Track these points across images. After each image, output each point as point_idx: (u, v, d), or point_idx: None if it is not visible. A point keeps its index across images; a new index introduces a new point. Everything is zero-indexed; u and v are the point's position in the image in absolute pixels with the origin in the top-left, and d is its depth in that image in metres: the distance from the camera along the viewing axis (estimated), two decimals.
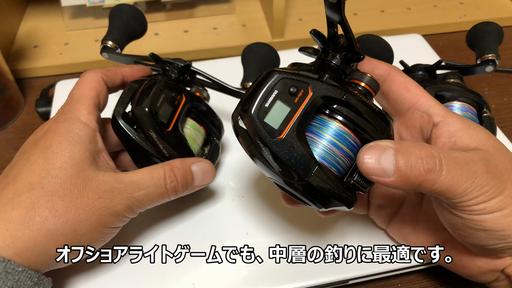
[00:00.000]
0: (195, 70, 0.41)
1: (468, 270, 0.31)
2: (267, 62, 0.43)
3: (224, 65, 0.55)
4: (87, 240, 0.30)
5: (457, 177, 0.25)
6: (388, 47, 0.42)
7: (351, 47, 0.28)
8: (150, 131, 0.33)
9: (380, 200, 0.35)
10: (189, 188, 0.34)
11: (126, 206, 0.31)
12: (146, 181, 0.31)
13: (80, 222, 0.29)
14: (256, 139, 0.26)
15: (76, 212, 0.29)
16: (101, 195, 0.30)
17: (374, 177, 0.26)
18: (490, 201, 0.25)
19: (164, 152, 0.34)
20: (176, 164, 0.33)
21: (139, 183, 0.31)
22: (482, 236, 0.27)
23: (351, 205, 0.27)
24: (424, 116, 0.29)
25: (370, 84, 0.28)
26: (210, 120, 0.39)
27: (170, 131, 0.34)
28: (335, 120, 0.27)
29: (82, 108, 0.32)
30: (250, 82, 0.42)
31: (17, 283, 0.27)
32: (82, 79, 0.35)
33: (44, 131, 0.32)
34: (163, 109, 0.34)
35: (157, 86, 0.34)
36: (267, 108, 0.25)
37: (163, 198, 0.33)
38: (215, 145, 0.39)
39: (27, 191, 0.29)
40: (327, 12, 0.27)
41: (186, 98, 0.37)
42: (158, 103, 0.34)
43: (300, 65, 0.29)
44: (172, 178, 0.32)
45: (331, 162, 0.27)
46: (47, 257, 0.28)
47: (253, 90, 0.26)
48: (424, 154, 0.25)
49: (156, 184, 0.32)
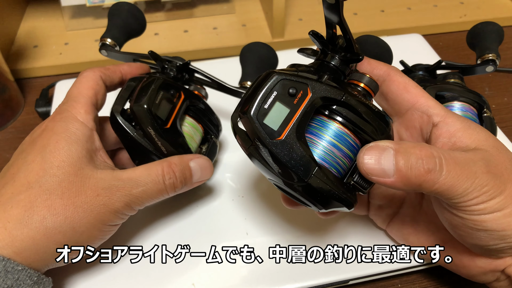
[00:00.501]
0: (194, 68, 0.41)
1: (468, 270, 0.31)
2: (265, 62, 0.43)
3: (224, 65, 0.55)
4: (85, 238, 0.30)
5: (457, 177, 0.25)
6: (387, 47, 0.42)
7: (350, 47, 0.28)
8: (148, 128, 0.33)
9: (380, 200, 0.35)
10: (188, 184, 0.34)
11: (124, 203, 0.31)
12: (144, 177, 0.31)
13: (79, 220, 0.29)
14: (256, 140, 0.26)
15: (74, 210, 0.29)
16: (99, 193, 0.30)
17: (374, 178, 0.26)
18: (490, 201, 0.25)
19: (162, 149, 0.34)
20: (174, 161, 0.33)
21: (138, 180, 0.31)
22: (483, 236, 0.27)
23: (351, 206, 0.27)
24: (423, 116, 0.29)
25: (369, 84, 0.28)
26: (208, 119, 0.39)
27: (168, 128, 0.34)
28: (335, 121, 0.27)
29: (79, 107, 0.32)
30: (248, 81, 0.42)
31: (16, 282, 0.27)
32: (80, 77, 0.35)
33: (41, 130, 0.32)
34: (162, 107, 0.34)
35: (156, 84, 0.35)
36: (267, 110, 0.25)
37: (162, 194, 0.33)
38: (213, 143, 0.39)
39: (25, 190, 0.29)
40: (325, 13, 0.27)
41: (185, 95, 0.37)
42: (156, 100, 0.34)
43: (299, 66, 0.29)
44: (170, 174, 0.32)
45: (331, 163, 0.27)
46: (46, 256, 0.28)
47: (252, 91, 0.26)
48: (424, 154, 0.25)
49: (154, 181, 0.32)
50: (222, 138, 0.45)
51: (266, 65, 0.43)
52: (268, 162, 0.26)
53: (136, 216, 0.36)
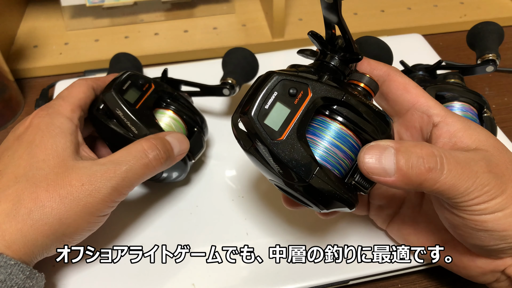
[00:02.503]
0: (171, 78, 0.43)
1: (469, 271, 0.31)
2: (248, 62, 0.44)
3: None
4: (73, 230, 0.30)
5: (458, 176, 0.25)
6: (387, 48, 0.42)
7: (349, 48, 0.28)
8: (116, 109, 0.35)
9: (380, 201, 0.35)
10: (171, 157, 0.34)
11: (111, 188, 0.30)
12: (125, 156, 0.32)
13: (65, 211, 0.29)
14: (256, 141, 0.26)
15: (60, 201, 0.29)
16: (84, 182, 0.30)
17: (375, 177, 0.26)
18: (491, 201, 0.25)
19: (132, 129, 0.35)
20: (152, 137, 0.33)
21: (119, 160, 0.31)
22: (483, 236, 0.27)
23: (352, 206, 0.27)
24: (424, 116, 0.29)
25: (369, 84, 0.28)
26: (192, 115, 0.40)
27: (137, 109, 0.36)
28: (335, 121, 0.27)
29: (66, 105, 0.34)
30: (229, 78, 0.42)
31: (9, 276, 0.27)
32: (72, 83, 0.36)
33: (25, 127, 0.33)
34: (130, 92, 0.36)
35: (122, 75, 0.37)
36: (267, 110, 0.25)
37: (149, 169, 0.32)
38: (197, 134, 0.40)
39: (13, 185, 0.29)
40: (324, 13, 0.27)
41: (155, 86, 0.38)
42: (124, 87, 0.36)
43: (299, 66, 0.29)
44: (152, 147, 0.32)
45: (332, 163, 0.27)
46: (34, 248, 0.29)
47: (253, 92, 0.26)
48: (425, 153, 0.25)
49: (137, 157, 0.32)
50: (222, 138, 0.45)
51: (247, 67, 0.44)
52: (269, 162, 0.26)
53: (136, 216, 0.36)
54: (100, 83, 0.37)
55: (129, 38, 0.62)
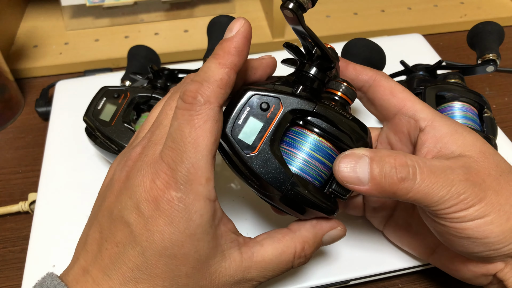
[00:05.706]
0: (166, 67, 0.44)
1: (462, 274, 0.31)
2: None
3: None
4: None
5: (431, 185, 0.25)
6: (378, 49, 0.41)
7: (324, 55, 0.28)
8: (95, 131, 0.38)
9: (374, 203, 0.35)
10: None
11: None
12: (276, 263, 0.27)
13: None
14: (233, 155, 0.26)
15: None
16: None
17: (350, 185, 0.26)
18: (469, 209, 0.25)
19: (112, 146, 0.38)
20: (308, 239, 0.28)
21: (267, 267, 0.27)
22: (466, 243, 0.26)
23: (331, 213, 0.27)
24: (410, 121, 0.29)
25: (346, 93, 0.29)
26: None
27: (113, 126, 0.38)
28: (309, 131, 0.27)
29: (200, 174, 0.23)
30: None
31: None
32: (193, 111, 0.23)
33: (152, 209, 0.23)
34: (106, 109, 0.39)
35: (97, 94, 0.40)
36: (240, 125, 0.26)
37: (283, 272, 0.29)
38: None
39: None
40: (291, 26, 0.28)
41: (131, 94, 0.40)
42: (98, 106, 0.39)
43: (281, 78, 0.29)
44: (301, 256, 0.28)
45: (308, 172, 0.27)
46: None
47: (227, 108, 0.27)
48: (398, 163, 0.25)
49: (283, 262, 0.28)
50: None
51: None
52: (246, 176, 0.26)
53: None
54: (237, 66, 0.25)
55: (129, 38, 0.62)
